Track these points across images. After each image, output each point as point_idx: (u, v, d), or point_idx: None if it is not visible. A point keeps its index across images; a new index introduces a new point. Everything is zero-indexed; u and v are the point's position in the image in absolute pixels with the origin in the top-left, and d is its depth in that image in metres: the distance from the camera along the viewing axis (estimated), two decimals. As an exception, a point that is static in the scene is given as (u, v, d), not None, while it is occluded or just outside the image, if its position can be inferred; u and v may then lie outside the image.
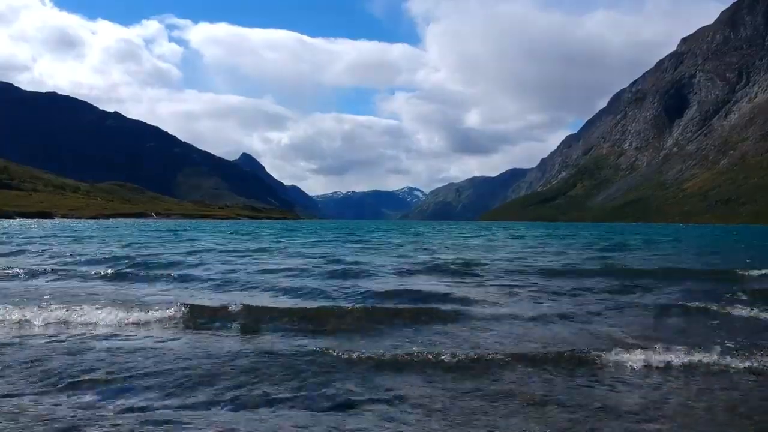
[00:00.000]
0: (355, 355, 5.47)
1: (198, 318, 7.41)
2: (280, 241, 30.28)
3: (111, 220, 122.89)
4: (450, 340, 6.45)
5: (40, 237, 31.50)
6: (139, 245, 24.52)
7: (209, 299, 9.23)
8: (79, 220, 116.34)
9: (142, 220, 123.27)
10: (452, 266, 14.94)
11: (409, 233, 48.25)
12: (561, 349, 5.82)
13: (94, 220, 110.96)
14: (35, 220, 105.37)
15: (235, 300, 8.52)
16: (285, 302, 9.10)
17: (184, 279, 11.94)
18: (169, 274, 12.46)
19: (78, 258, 16.53)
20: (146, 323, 7.19)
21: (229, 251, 20.71)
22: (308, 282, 11.65)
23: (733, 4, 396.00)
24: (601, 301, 9.45)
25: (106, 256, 16.87)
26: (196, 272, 13.13)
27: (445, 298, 9.56)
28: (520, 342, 6.42)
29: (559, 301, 9.46)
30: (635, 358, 5.46)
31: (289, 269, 13.95)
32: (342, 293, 10.06)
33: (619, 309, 8.66)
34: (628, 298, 9.79)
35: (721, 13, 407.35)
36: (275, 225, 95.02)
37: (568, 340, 6.51)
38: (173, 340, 6.33)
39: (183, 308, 7.60)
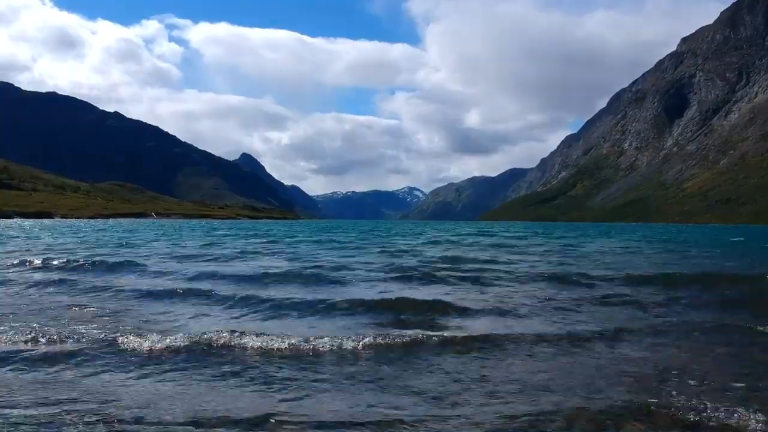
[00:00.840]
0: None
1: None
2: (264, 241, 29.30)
3: (110, 220, 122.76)
4: (425, 403, 4.29)
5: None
6: (97, 246, 23.59)
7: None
8: (78, 220, 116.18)
9: (141, 220, 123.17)
10: (443, 269, 13.58)
11: (406, 233, 47.96)
12: (607, 401, 4.04)
13: (93, 220, 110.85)
14: (35, 220, 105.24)
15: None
16: (225, 322, 7.39)
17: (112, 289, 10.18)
18: (104, 281, 11.25)
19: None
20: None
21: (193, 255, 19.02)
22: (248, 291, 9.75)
23: (733, 4, 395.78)
24: (630, 317, 7.67)
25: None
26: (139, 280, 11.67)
27: (433, 314, 7.72)
28: (540, 391, 4.45)
29: (575, 318, 7.61)
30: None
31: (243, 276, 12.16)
32: (301, 306, 8.30)
33: (660, 331, 6.62)
34: (664, 314, 7.86)
35: (721, 13, 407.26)
36: (271, 224, 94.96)
37: (613, 382, 4.69)
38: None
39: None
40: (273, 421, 3.78)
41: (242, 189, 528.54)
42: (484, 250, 23.44)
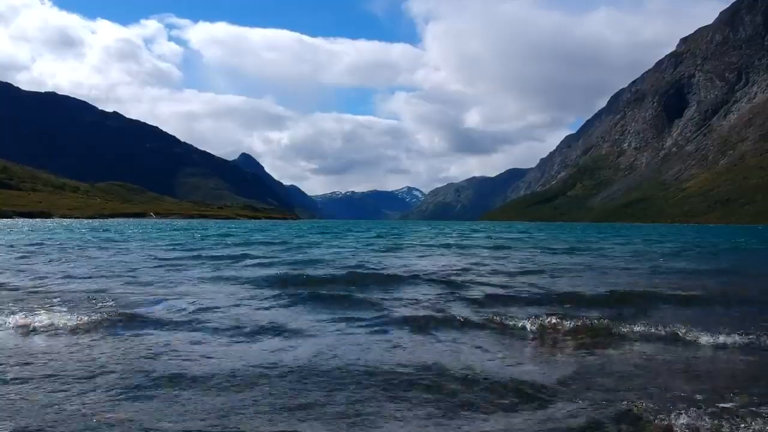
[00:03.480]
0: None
1: None
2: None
3: (109, 220, 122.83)
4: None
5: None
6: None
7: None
8: (77, 220, 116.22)
9: (140, 220, 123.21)
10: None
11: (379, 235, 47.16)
12: None
13: (92, 220, 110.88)
14: (34, 220, 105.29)
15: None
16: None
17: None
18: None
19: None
20: None
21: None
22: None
23: (733, 4, 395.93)
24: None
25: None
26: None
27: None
28: None
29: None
30: None
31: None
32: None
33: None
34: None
35: (721, 13, 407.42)
36: (249, 224, 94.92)
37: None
38: None
39: None
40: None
41: (242, 189, 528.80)
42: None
